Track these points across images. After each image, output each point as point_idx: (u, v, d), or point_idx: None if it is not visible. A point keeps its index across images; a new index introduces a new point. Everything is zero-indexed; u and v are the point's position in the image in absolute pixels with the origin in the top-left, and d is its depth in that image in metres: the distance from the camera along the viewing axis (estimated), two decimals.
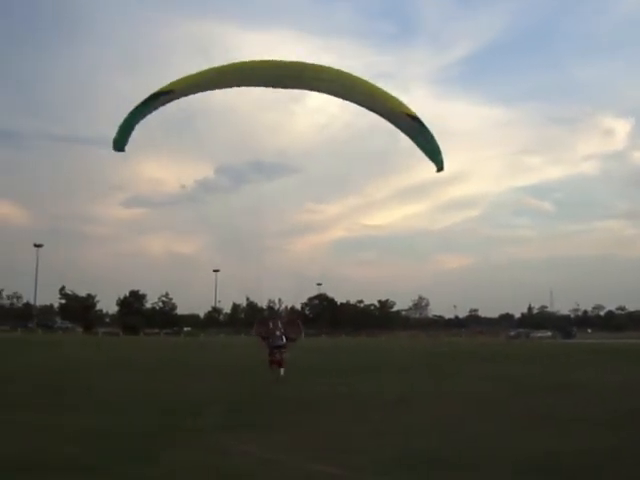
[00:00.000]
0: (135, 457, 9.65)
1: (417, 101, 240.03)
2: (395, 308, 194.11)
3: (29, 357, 38.87)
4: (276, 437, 11.49)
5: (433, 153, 14.88)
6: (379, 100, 14.31)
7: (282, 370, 20.84)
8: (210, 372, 27.79)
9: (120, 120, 14.57)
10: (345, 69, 16.26)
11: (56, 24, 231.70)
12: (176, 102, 14.63)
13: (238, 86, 14.68)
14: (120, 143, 13.88)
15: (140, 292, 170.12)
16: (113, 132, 14.39)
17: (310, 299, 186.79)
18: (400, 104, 14.48)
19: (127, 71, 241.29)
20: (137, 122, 13.99)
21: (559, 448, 10.64)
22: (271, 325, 21.72)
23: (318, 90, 14.76)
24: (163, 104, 14.04)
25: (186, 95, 14.09)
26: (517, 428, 12.89)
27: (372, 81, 15.99)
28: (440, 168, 15.02)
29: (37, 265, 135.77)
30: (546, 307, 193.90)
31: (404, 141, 16.32)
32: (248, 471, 8.94)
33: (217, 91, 15.29)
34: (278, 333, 21.06)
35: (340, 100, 15.82)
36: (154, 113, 14.50)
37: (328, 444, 10.96)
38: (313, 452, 10.19)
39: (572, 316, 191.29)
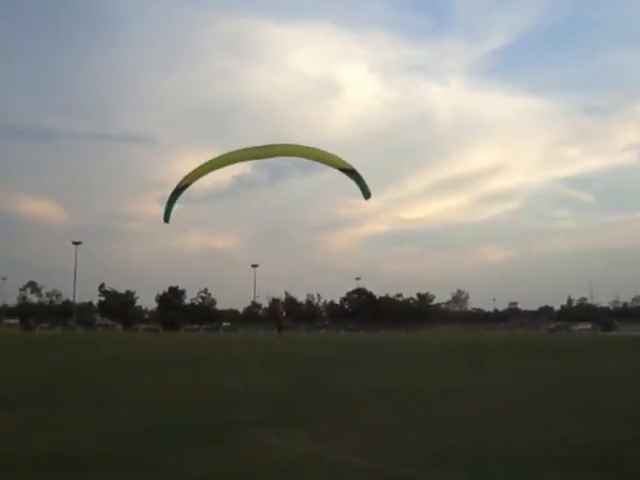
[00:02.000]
0: (175, 452, 9.61)
1: (453, 94, 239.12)
2: (434, 302, 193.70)
3: (72, 354, 39.28)
4: (316, 431, 11.32)
5: (364, 189, 18.49)
6: (328, 159, 18.03)
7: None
8: (250, 366, 27.85)
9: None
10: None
11: (89, 24, 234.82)
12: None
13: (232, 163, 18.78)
14: (166, 218, 17.61)
15: (179, 288, 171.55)
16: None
17: (349, 293, 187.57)
18: (343, 162, 18.02)
19: (160, 68, 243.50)
20: (172, 206, 17.52)
21: (603, 440, 10.45)
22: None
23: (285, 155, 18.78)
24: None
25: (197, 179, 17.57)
26: (560, 421, 12.69)
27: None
28: (367, 197, 18.74)
29: (76, 263, 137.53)
30: (586, 299, 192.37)
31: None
32: (289, 466, 8.80)
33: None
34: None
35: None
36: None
37: (368, 438, 10.78)
38: (353, 446, 10.05)
39: (612, 308, 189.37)
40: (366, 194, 18.43)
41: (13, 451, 9.58)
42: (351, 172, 17.85)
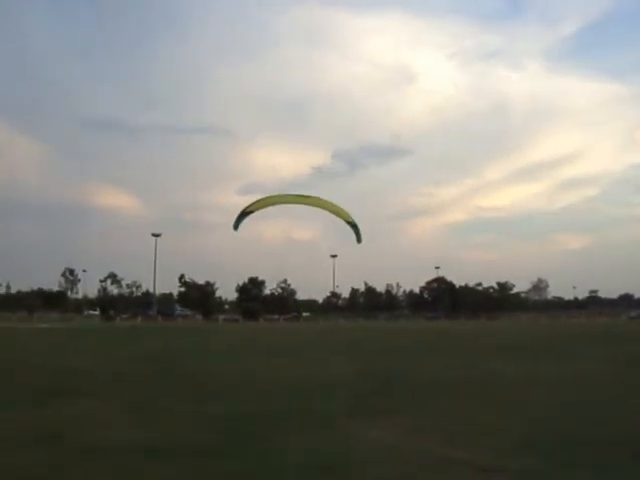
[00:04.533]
0: (263, 441, 9.86)
1: (529, 80, 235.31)
2: (514, 290, 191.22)
3: (158, 343, 40.20)
4: (403, 421, 11.47)
5: (358, 237, 21.02)
6: (336, 211, 20.45)
7: None
8: (334, 356, 28.19)
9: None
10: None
11: (166, 18, 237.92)
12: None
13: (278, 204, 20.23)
14: (235, 228, 19.64)
15: (259, 279, 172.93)
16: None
17: (428, 283, 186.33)
18: (347, 214, 20.78)
19: (236, 60, 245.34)
20: (240, 222, 19.76)
21: None
22: None
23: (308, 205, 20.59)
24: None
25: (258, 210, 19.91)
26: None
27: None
28: (359, 240, 21.17)
29: (156, 254, 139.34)
30: None
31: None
32: (378, 457, 8.97)
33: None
34: None
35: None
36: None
37: (455, 428, 10.92)
38: (441, 436, 10.16)
39: None
40: (359, 240, 21.12)
41: (111, 438, 10.12)
42: (353, 225, 20.91)
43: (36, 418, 11.93)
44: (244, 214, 19.70)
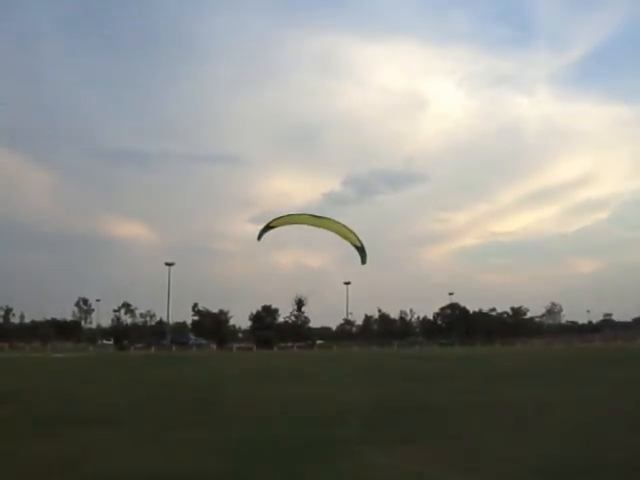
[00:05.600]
0: (279, 468, 9.89)
1: (539, 104, 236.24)
2: (528, 315, 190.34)
3: (177, 373, 40.19)
4: (420, 448, 11.47)
5: (364, 259, 22.76)
6: (344, 234, 22.45)
7: None
8: (348, 382, 28.14)
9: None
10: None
11: (178, 47, 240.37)
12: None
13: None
14: (259, 238, 21.85)
15: (272, 307, 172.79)
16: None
17: (442, 309, 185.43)
18: (355, 239, 22.66)
19: (248, 88, 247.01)
20: (263, 234, 21.97)
21: None
22: None
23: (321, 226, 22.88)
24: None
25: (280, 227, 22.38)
26: None
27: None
28: (364, 262, 23.03)
29: (169, 283, 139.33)
30: None
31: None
32: None
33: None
34: None
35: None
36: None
37: (471, 454, 10.91)
38: (457, 463, 10.16)
39: None
40: (363, 262, 22.97)
41: (127, 469, 10.12)
42: (360, 249, 22.69)
43: (52, 449, 11.90)
44: (267, 228, 21.50)
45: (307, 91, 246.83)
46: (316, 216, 23.22)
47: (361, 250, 22.82)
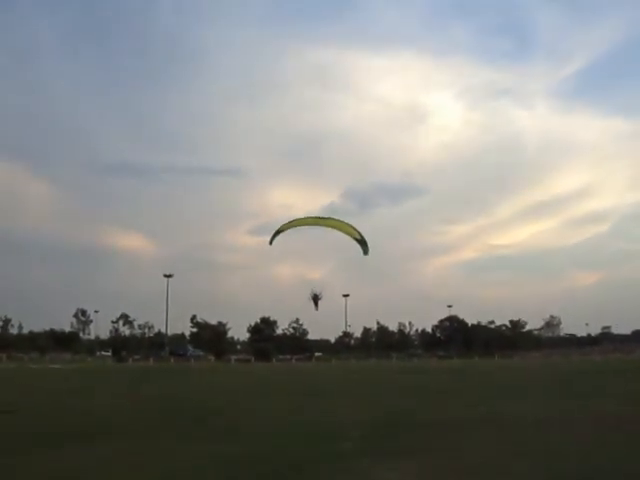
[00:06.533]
0: None
1: (539, 117, 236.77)
2: (526, 328, 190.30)
3: (176, 385, 40.08)
4: (418, 462, 11.42)
5: (365, 250, 24.09)
6: (346, 229, 24.06)
7: None
8: (346, 396, 28.09)
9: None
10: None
11: (177, 60, 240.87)
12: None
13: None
14: (270, 242, 23.70)
15: (271, 319, 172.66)
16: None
17: (441, 321, 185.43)
18: (356, 232, 24.15)
19: (248, 101, 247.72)
20: (275, 237, 23.94)
21: None
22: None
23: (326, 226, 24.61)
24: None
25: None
26: None
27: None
28: (365, 253, 24.38)
29: (167, 295, 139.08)
30: None
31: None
32: None
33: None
34: None
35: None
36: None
37: (471, 468, 10.88)
38: (456, 477, 10.28)
39: None
40: (365, 253, 24.25)
41: None
42: (362, 242, 24.03)
43: (52, 463, 11.86)
44: (278, 232, 23.58)
45: (307, 103, 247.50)
46: (319, 217, 24.83)
47: (362, 243, 23.95)
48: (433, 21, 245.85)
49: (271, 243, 23.00)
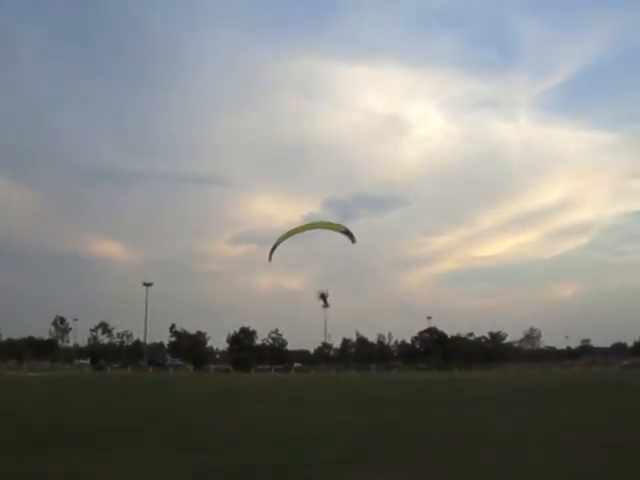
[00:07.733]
0: None
1: (521, 129, 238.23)
2: (506, 340, 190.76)
3: (155, 395, 39.86)
4: (395, 473, 11.50)
5: (353, 239, 25.51)
6: (331, 227, 25.49)
7: None
8: (326, 406, 28.05)
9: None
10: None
11: (162, 68, 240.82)
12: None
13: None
14: (269, 259, 25.27)
15: (250, 329, 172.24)
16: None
17: (420, 333, 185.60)
18: (339, 227, 25.81)
19: (232, 110, 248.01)
20: (272, 253, 25.66)
21: None
22: None
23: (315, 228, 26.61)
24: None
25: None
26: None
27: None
28: (353, 241, 26.53)
29: (147, 303, 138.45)
30: None
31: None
32: None
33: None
34: None
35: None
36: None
37: None
38: None
39: None
40: (353, 241, 25.75)
41: None
42: (347, 233, 25.53)
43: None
44: (274, 248, 24.78)
45: (289, 113, 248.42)
46: (305, 225, 26.59)
47: (348, 233, 26.07)
48: (416, 32, 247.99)
49: (270, 259, 23.91)
